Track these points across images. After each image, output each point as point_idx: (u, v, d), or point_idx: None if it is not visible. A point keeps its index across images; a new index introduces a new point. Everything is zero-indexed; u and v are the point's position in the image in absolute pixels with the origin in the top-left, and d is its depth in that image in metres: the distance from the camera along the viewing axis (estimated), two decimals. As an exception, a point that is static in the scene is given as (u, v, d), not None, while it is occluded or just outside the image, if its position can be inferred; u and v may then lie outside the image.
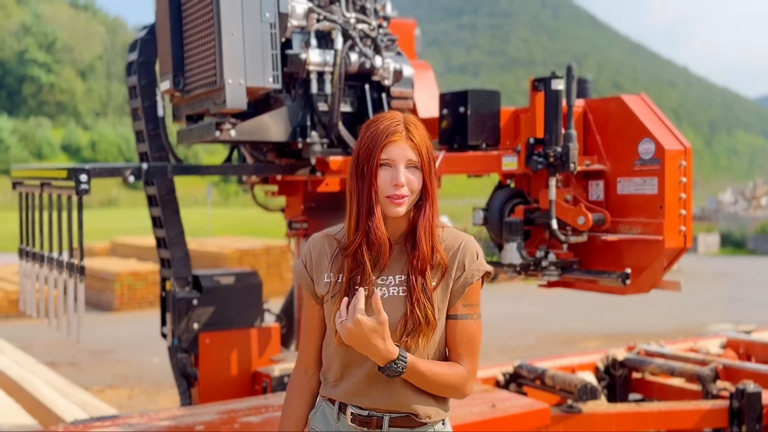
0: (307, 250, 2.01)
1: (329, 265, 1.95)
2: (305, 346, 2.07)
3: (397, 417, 1.94)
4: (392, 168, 1.86)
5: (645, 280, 3.02)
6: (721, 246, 26.81)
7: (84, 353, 9.84)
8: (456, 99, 3.56)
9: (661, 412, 3.74)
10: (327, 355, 2.01)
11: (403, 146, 1.86)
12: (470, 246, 1.96)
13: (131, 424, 3.25)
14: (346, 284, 1.90)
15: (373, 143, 1.87)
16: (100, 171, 3.45)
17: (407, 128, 1.88)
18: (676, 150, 2.89)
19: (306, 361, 2.07)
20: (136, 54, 3.93)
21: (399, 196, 1.85)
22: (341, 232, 1.97)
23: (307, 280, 2.00)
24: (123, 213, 42.98)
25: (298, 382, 2.08)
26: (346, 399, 1.96)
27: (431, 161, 1.89)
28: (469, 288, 1.93)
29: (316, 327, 2.04)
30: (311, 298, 2.01)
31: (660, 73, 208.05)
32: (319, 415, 2.04)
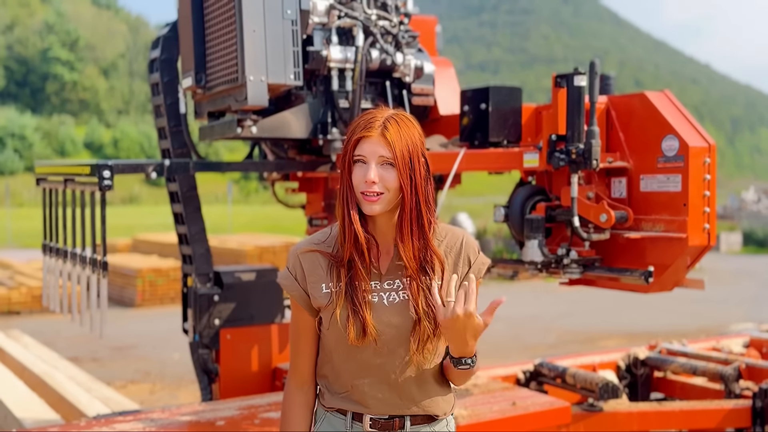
0: (295, 262, 1.94)
1: (327, 274, 1.90)
2: (299, 360, 1.99)
3: (417, 416, 1.93)
4: (365, 165, 1.81)
5: (668, 279, 2.99)
6: (743, 245, 26.55)
7: (106, 349, 9.93)
8: (477, 95, 3.54)
9: (683, 411, 3.71)
10: (333, 367, 1.94)
11: (375, 142, 1.80)
12: (471, 242, 1.95)
13: (153, 419, 3.27)
14: (345, 288, 1.86)
15: (349, 139, 1.85)
16: (123, 167, 3.47)
17: (385, 125, 1.82)
18: (700, 147, 2.86)
19: (301, 375, 2.00)
20: (159, 51, 3.95)
21: (371, 193, 1.80)
22: (328, 241, 1.93)
23: (299, 292, 1.93)
24: (145, 210, 43.30)
25: (296, 397, 2.02)
26: (359, 409, 1.91)
27: (412, 159, 1.82)
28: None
29: (309, 338, 1.97)
30: (304, 309, 1.94)
31: (682, 70, 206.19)
32: (325, 425, 1.98)
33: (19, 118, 60.14)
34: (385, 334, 1.86)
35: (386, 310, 1.87)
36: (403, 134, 1.82)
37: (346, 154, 1.84)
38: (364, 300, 1.85)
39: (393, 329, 1.86)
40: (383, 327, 1.86)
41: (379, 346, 1.86)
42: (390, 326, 1.86)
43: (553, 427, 3.42)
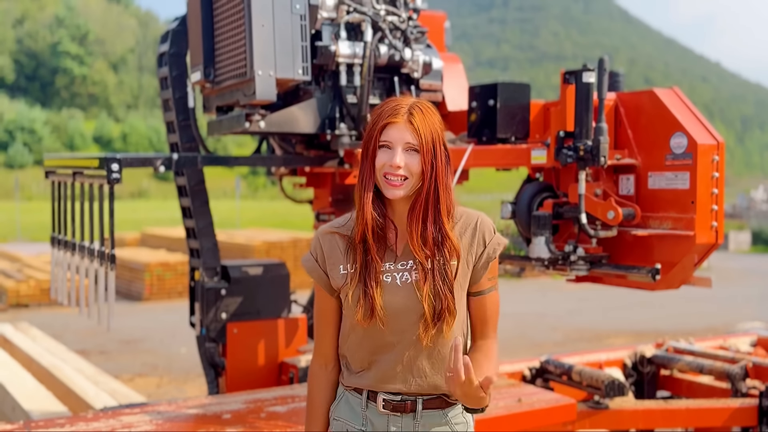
0: (316, 244, 2.01)
1: (344, 257, 1.96)
2: (322, 340, 2.06)
3: (430, 399, 1.96)
4: (390, 150, 1.86)
5: (675, 276, 2.99)
6: (752, 244, 26.45)
7: (114, 342, 9.97)
8: (485, 92, 3.54)
9: (689, 409, 3.70)
10: (349, 346, 2.01)
11: (402, 128, 1.85)
12: (486, 221, 1.99)
13: (159, 411, 3.29)
14: (361, 267, 1.91)
15: (374, 125, 1.89)
16: (132, 160, 3.48)
17: (411, 111, 1.87)
18: (708, 144, 2.85)
19: (324, 355, 2.07)
20: (168, 45, 3.96)
21: (395, 176, 1.85)
22: (348, 225, 1.98)
23: (319, 273, 2.00)
24: (153, 204, 43.42)
25: (320, 376, 2.08)
26: (374, 387, 1.97)
27: (436, 146, 1.87)
28: (492, 262, 1.97)
29: (331, 319, 2.04)
30: (325, 291, 2.01)
31: (692, 68, 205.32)
32: (342, 405, 2.04)
33: (28, 112, 60.36)
34: (396, 313, 1.90)
35: (398, 289, 1.91)
36: (428, 121, 1.88)
37: (371, 140, 1.88)
38: (376, 280, 1.89)
39: (404, 308, 1.91)
40: (394, 306, 1.90)
41: (391, 325, 1.91)
42: (401, 305, 1.90)
43: (558, 424, 3.42)
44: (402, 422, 1.96)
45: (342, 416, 2.04)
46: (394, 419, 1.97)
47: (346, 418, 2.02)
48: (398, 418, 1.96)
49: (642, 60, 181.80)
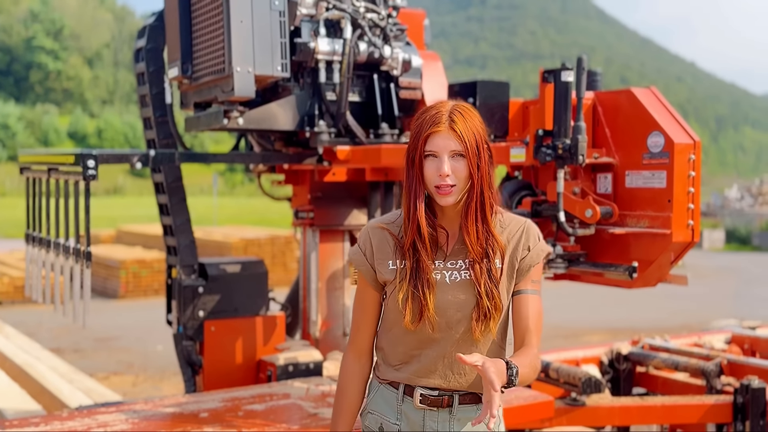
0: (365, 238, 2.06)
1: (393, 253, 2.01)
2: (359, 333, 2.11)
3: (467, 395, 2.00)
4: (437, 158, 1.90)
5: (652, 274, 3.01)
6: (726, 242, 26.77)
7: (89, 340, 9.89)
8: (465, 90, 3.54)
9: (664, 406, 3.73)
10: (390, 340, 2.04)
11: (446, 136, 1.89)
12: (533, 229, 2.04)
13: (135, 410, 3.26)
14: (411, 270, 1.95)
15: (418, 134, 1.93)
16: (108, 157, 3.44)
17: (451, 118, 1.90)
18: (685, 143, 2.87)
19: (360, 347, 2.11)
20: (145, 40, 3.92)
21: (445, 186, 1.90)
22: (398, 221, 2.03)
23: (366, 267, 2.04)
24: (129, 201, 43.07)
25: (352, 367, 2.12)
26: (411, 381, 2.00)
27: (480, 149, 1.91)
28: (535, 267, 2.00)
29: (372, 313, 2.08)
30: (369, 284, 2.05)
31: (668, 68, 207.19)
32: (377, 399, 2.08)
33: (2, 107, 59.62)
34: (443, 311, 1.94)
35: (448, 287, 1.96)
36: (469, 125, 1.92)
37: (416, 150, 1.92)
38: (428, 283, 1.94)
39: (453, 306, 1.95)
40: (442, 303, 1.94)
41: (437, 322, 1.94)
42: (450, 303, 1.95)
43: (536, 421, 3.44)
44: (438, 417, 2.00)
45: (377, 410, 2.07)
46: (429, 414, 2.00)
47: (381, 412, 2.05)
48: (434, 413, 1.99)
49: (618, 59, 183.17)
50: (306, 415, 3.18)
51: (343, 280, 4.30)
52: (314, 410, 3.23)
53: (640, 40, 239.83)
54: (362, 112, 3.86)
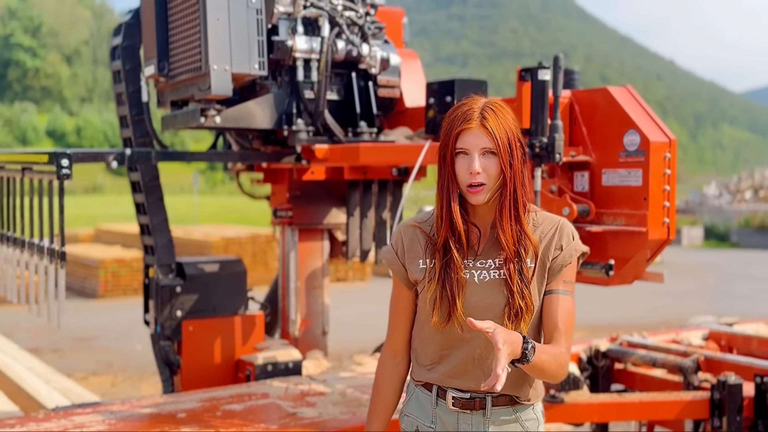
0: (397, 237, 2.06)
1: (424, 252, 1.99)
2: (394, 331, 2.10)
3: (500, 396, 1.97)
4: (468, 156, 1.88)
5: (628, 272, 3.02)
6: (705, 239, 27.01)
7: (67, 340, 9.81)
8: (443, 88, 3.54)
9: (642, 402, 3.75)
10: (421, 339, 2.03)
11: (477, 134, 1.87)
12: (566, 227, 2.00)
13: (112, 411, 3.23)
14: (440, 270, 1.93)
15: (449, 132, 1.91)
16: (83, 156, 3.41)
17: (483, 115, 1.88)
18: (660, 142, 2.89)
19: (395, 346, 2.10)
20: (121, 38, 3.89)
21: (476, 184, 1.88)
22: (430, 220, 2.02)
23: (398, 266, 2.04)
24: (108, 199, 42.76)
25: (388, 367, 2.12)
26: (444, 382, 1.98)
27: (512, 146, 1.89)
28: (567, 267, 1.96)
29: (406, 312, 2.07)
30: (402, 283, 2.05)
31: (647, 66, 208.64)
32: (413, 402, 2.07)
33: (-21, 106, 58.99)
34: (472, 310, 1.91)
35: (476, 287, 1.94)
36: (501, 122, 1.89)
37: (448, 147, 1.90)
38: (457, 281, 1.91)
39: (481, 306, 1.92)
40: (471, 303, 1.92)
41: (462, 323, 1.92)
42: (478, 303, 1.93)
43: (514, 419, 3.44)
44: (472, 420, 1.97)
45: (412, 413, 2.06)
46: (463, 417, 1.98)
47: (417, 415, 2.05)
48: (468, 416, 1.97)
49: (598, 57, 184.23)
50: (285, 414, 3.17)
51: (323, 278, 4.29)
52: (293, 410, 3.22)
53: (620, 38, 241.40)
54: (340, 111, 3.86)
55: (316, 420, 3.07)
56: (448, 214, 1.91)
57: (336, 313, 6.97)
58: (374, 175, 3.98)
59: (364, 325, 10.32)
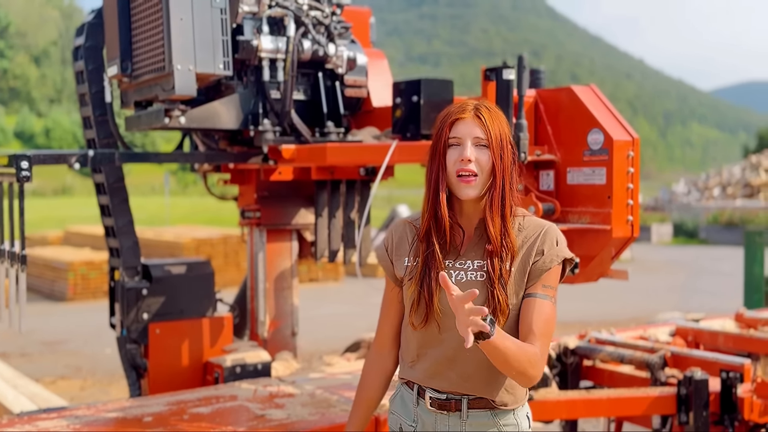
0: (389, 234, 2.08)
1: (410, 249, 2.00)
2: (381, 327, 2.12)
3: (476, 399, 1.96)
4: (460, 146, 1.89)
5: (594, 269, 3.05)
6: (674, 235, 27.29)
7: (36, 344, 9.68)
8: (409, 88, 3.54)
9: (610, 399, 3.78)
10: (405, 336, 2.05)
11: (471, 124, 1.89)
12: (551, 233, 1.97)
13: (78, 415, 3.19)
14: (421, 267, 1.94)
15: (443, 123, 1.92)
16: (44, 158, 3.36)
17: (477, 108, 1.91)
18: (624, 140, 2.91)
19: (382, 342, 2.12)
20: (84, 38, 3.84)
21: (467, 172, 1.87)
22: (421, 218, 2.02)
23: (386, 263, 2.06)
24: (77, 201, 42.19)
25: (374, 361, 2.14)
26: (423, 381, 1.99)
27: (503, 143, 1.90)
28: (546, 272, 1.93)
29: (393, 308, 2.09)
30: (390, 280, 2.07)
31: (617, 65, 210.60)
32: (398, 399, 2.09)
33: (-55, 107, 58.07)
34: (448, 311, 1.89)
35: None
36: (495, 119, 1.91)
37: (440, 138, 1.91)
38: (436, 282, 1.90)
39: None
40: (446, 303, 1.89)
41: (443, 322, 1.93)
42: None
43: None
44: (449, 422, 1.97)
45: (397, 411, 2.08)
46: (441, 418, 1.98)
47: (400, 413, 2.06)
48: (445, 417, 1.97)
49: (569, 57, 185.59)
50: (253, 416, 3.15)
51: (291, 279, 4.27)
52: (262, 411, 3.20)
53: (590, 37, 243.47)
54: (307, 111, 3.84)
55: (285, 422, 3.06)
56: (434, 204, 1.91)
57: (308, 314, 6.94)
58: (342, 175, 3.97)
59: (336, 325, 10.29)
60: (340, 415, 3.12)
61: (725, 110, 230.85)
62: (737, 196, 32.37)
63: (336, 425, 3.03)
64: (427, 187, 1.94)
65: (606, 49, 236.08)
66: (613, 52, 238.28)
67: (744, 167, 35.96)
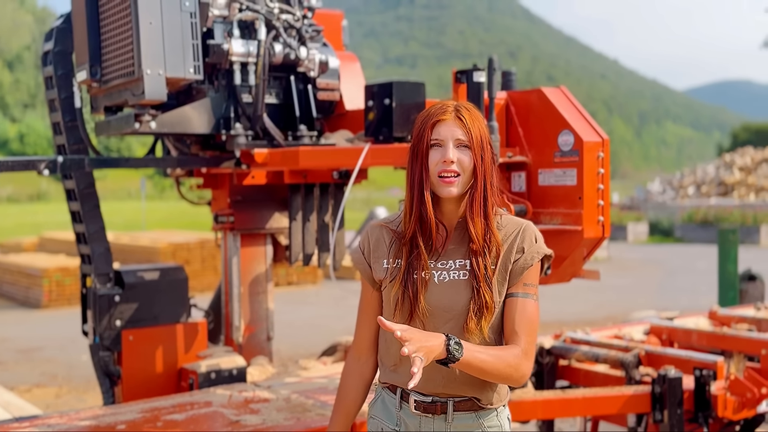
0: (365, 238, 2.06)
1: (388, 251, 1.99)
2: (359, 332, 2.10)
3: (461, 401, 1.96)
4: (442, 147, 1.90)
5: (566, 270, 3.07)
6: (649, 234, 27.51)
7: (10, 351, 9.57)
8: (381, 91, 3.54)
9: (585, 398, 3.80)
10: (386, 339, 2.03)
11: (452, 125, 1.90)
12: (529, 230, 2.00)
13: (50, 424, 3.16)
14: (405, 269, 1.93)
15: (424, 124, 1.93)
16: (12, 164, 3.33)
17: (458, 109, 1.92)
18: (594, 142, 2.93)
19: (360, 347, 2.10)
20: (52, 43, 3.80)
21: (449, 173, 1.88)
22: (397, 220, 2.02)
23: (364, 266, 2.04)
24: (53, 207, 41.72)
25: (352, 367, 2.12)
26: (406, 384, 1.94)
27: (483, 143, 1.91)
28: (528, 270, 1.95)
29: (372, 312, 2.07)
30: (368, 283, 2.06)
31: (592, 65, 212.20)
32: (379, 404, 2.06)
33: None
34: (431, 312, 1.91)
35: (436, 287, 1.93)
36: (475, 119, 1.92)
37: (422, 139, 1.92)
38: (422, 280, 1.91)
39: (439, 306, 1.92)
40: (430, 303, 1.92)
41: (426, 323, 1.92)
42: (437, 304, 1.92)
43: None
44: (434, 424, 1.97)
45: (378, 415, 2.06)
46: (426, 421, 1.97)
47: (382, 417, 2.04)
48: (430, 419, 1.97)
49: (544, 58, 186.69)
50: (228, 422, 3.13)
51: (266, 284, 4.26)
52: (236, 417, 3.18)
53: (565, 38, 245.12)
54: (280, 114, 3.83)
55: (260, 427, 3.05)
56: (418, 206, 1.91)
57: (285, 318, 6.90)
58: (315, 179, 3.96)
59: (313, 328, 10.26)
60: (315, 419, 3.11)
61: (699, 109, 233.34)
62: (711, 195, 32.73)
63: (312, 430, 3.02)
64: (410, 189, 1.94)
65: (581, 50, 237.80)
66: (588, 52, 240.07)
67: (718, 166, 36.35)
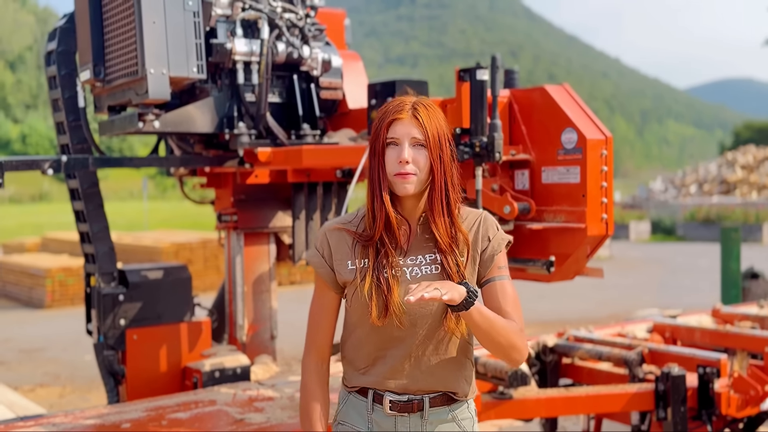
0: (323, 240, 2.02)
1: (351, 252, 1.97)
2: (318, 336, 2.05)
3: (436, 396, 1.96)
4: (398, 146, 1.89)
5: (569, 268, 3.06)
6: (651, 233, 27.48)
7: (14, 351, 9.58)
8: (384, 89, 3.55)
9: (588, 396, 3.80)
10: (353, 343, 2.00)
11: (407, 124, 1.89)
12: (489, 219, 2.02)
13: (55, 423, 3.16)
14: (373, 267, 1.92)
15: (380, 123, 1.92)
16: (17, 164, 3.33)
17: (414, 107, 1.90)
18: (597, 139, 2.93)
19: (321, 352, 2.06)
20: (56, 43, 3.81)
21: (404, 173, 1.88)
22: (355, 221, 2.00)
23: (326, 269, 2.00)
24: (55, 207, 41.82)
25: (317, 372, 2.05)
26: (379, 385, 1.96)
27: (441, 141, 1.90)
28: (498, 255, 1.98)
29: (331, 316, 2.04)
30: (329, 286, 2.01)
31: (593, 64, 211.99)
32: (347, 409, 2.03)
33: None
34: (408, 308, 1.90)
35: (409, 283, 1.91)
36: (432, 117, 1.91)
37: (378, 138, 1.91)
38: (393, 276, 1.90)
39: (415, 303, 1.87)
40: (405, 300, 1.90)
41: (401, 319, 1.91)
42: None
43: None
44: (410, 422, 1.96)
45: (347, 420, 2.03)
46: (401, 420, 1.96)
47: (352, 421, 2.01)
48: (405, 418, 1.96)
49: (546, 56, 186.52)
50: (232, 420, 3.14)
51: (270, 282, 4.26)
52: (241, 416, 3.19)
53: (566, 37, 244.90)
54: (283, 113, 3.83)
55: (264, 425, 3.05)
56: (380, 206, 1.91)
57: (289, 317, 6.91)
58: (318, 178, 3.97)
59: (317, 327, 10.26)
60: (319, 417, 3.11)
61: (701, 108, 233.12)
62: (714, 193, 32.68)
63: (315, 428, 3.02)
64: (370, 187, 1.94)
65: (582, 49, 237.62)
66: (589, 51, 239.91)
67: (720, 164, 36.30)
